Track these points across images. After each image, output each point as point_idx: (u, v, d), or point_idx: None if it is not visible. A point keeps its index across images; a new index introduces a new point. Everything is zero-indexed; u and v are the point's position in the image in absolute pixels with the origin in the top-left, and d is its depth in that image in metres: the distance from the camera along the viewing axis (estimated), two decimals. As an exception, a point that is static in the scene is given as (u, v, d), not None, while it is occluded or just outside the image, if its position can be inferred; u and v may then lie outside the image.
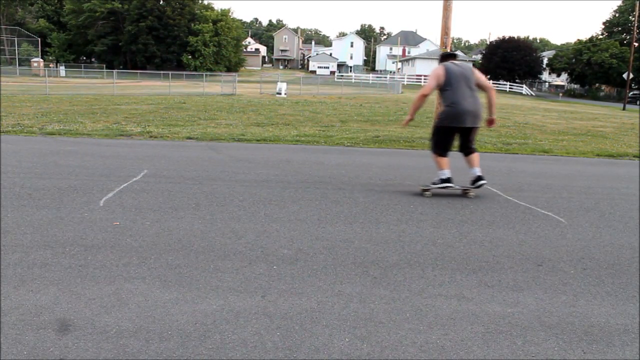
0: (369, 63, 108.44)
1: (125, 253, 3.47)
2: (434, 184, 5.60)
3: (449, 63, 5.46)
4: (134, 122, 11.94)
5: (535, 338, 2.56)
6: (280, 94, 26.24)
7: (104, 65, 54.13)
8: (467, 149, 5.59)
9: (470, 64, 5.59)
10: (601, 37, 61.34)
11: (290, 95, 26.36)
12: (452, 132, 5.46)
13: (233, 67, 69.39)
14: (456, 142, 5.62)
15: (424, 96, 5.42)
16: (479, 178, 5.49)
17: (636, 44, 44.68)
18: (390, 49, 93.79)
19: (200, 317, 2.62)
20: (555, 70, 65.03)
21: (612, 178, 7.25)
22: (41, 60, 53.31)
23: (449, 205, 5.12)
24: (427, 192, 5.54)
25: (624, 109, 36.07)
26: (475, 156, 5.58)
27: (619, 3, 61.62)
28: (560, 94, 57.71)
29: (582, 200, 5.61)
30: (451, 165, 5.60)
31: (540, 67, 63.60)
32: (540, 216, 4.87)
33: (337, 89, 34.81)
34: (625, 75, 40.75)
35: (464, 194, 5.62)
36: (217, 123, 12.36)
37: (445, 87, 5.34)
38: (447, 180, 5.50)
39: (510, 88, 57.97)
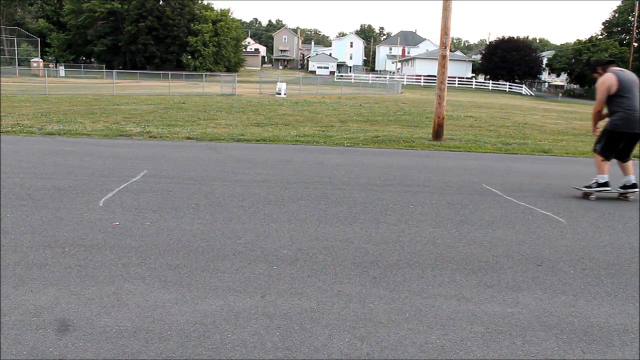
0: (369, 63, 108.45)
1: (125, 253, 3.47)
2: (588, 187, 5.70)
3: (616, 69, 5.56)
4: (134, 122, 11.93)
5: (535, 338, 2.56)
6: (279, 94, 26.23)
7: (104, 66, 54.13)
8: (627, 156, 5.71)
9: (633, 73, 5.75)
10: (601, 37, 61.33)
11: (289, 96, 26.36)
12: (624, 137, 5.54)
13: (233, 67, 69.37)
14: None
15: (599, 112, 5.60)
16: (634, 185, 5.65)
17: (635, 44, 44.71)
18: (390, 49, 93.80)
19: (199, 317, 2.62)
20: (554, 70, 65.05)
21: (611, 178, 7.24)
22: (41, 60, 53.26)
23: (449, 206, 5.12)
24: (591, 196, 5.64)
25: (623, 109, 36.04)
26: (630, 163, 5.72)
27: (619, 3, 61.58)
28: (560, 94, 57.72)
29: (582, 201, 5.62)
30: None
31: (539, 67, 63.65)
32: (540, 216, 4.87)
33: (337, 89, 34.81)
34: (624, 76, 40.69)
35: (623, 197, 5.71)
36: (217, 123, 12.36)
37: (619, 93, 5.42)
38: (605, 184, 5.63)
39: (509, 88, 57.98)
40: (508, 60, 59.91)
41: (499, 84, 59.16)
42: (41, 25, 67.61)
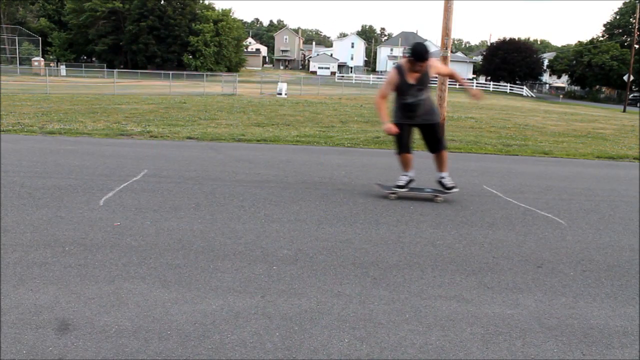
0: (370, 64, 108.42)
1: (125, 253, 3.47)
2: None
3: None
4: (135, 121, 11.94)
5: (535, 340, 2.56)
6: (280, 94, 26.23)
7: (105, 65, 54.19)
8: None
9: None
10: (602, 39, 61.35)
11: (290, 96, 26.36)
12: None
13: (234, 67, 69.41)
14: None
15: None
16: None
17: (637, 46, 44.69)
18: (391, 49, 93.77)
19: (199, 317, 2.62)
20: (555, 71, 65.06)
21: (612, 180, 7.25)
22: (42, 59, 53.27)
23: (449, 207, 5.12)
24: None
25: (624, 111, 36.12)
26: None
27: (620, 5, 61.63)
28: (561, 96, 57.72)
29: (582, 202, 5.61)
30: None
31: (540, 68, 63.70)
32: (540, 218, 4.87)
33: (338, 90, 34.82)
34: (625, 77, 40.78)
35: None
36: (218, 123, 12.36)
37: None
38: None
39: (510, 89, 57.99)
40: (509, 62, 59.93)
41: (499, 85, 59.19)
42: (42, 24, 67.69)
